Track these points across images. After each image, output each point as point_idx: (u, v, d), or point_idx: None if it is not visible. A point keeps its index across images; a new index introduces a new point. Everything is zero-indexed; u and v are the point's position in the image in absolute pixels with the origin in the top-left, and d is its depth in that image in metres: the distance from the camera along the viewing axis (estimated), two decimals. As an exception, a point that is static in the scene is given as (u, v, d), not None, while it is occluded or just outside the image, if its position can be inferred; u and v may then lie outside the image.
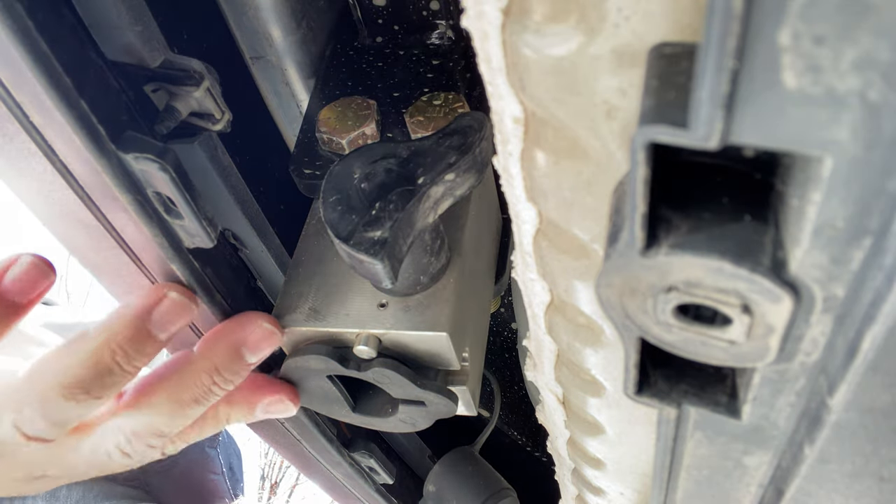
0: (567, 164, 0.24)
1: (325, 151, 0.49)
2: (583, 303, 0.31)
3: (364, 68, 0.54)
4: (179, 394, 0.40)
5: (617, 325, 0.22)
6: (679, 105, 0.15)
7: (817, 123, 0.14)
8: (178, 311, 0.39)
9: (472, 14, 0.21)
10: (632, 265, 0.19)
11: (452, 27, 0.54)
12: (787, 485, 0.28)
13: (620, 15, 0.18)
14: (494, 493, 0.82)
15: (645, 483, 0.45)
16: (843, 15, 0.12)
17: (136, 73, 0.37)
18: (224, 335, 0.42)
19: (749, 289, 0.18)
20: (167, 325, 0.39)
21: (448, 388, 0.45)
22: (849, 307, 0.18)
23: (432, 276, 0.43)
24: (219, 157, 0.40)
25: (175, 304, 0.39)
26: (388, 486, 0.85)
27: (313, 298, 0.44)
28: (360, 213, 0.36)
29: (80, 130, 0.32)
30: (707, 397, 0.25)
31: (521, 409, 1.00)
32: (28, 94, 0.31)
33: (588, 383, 0.37)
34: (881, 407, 0.21)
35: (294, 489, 3.43)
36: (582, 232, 0.27)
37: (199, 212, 0.38)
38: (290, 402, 0.47)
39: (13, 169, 0.37)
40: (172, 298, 0.39)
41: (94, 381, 0.37)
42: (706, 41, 0.13)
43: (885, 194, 0.15)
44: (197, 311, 0.41)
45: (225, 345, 0.41)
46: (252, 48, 0.53)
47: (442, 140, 0.38)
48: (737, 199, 0.18)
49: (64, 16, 0.31)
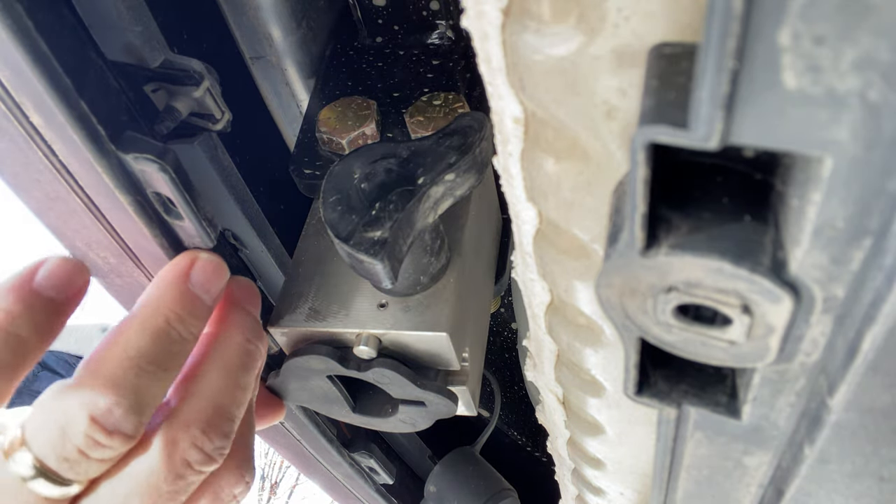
0: (567, 164, 0.24)
1: (325, 151, 0.49)
2: (583, 303, 0.31)
3: (364, 68, 0.54)
4: (226, 363, 0.39)
5: (617, 326, 0.22)
6: (679, 105, 0.15)
7: (817, 123, 0.14)
8: (213, 269, 0.39)
9: (472, 14, 0.21)
10: (632, 265, 0.19)
11: (452, 27, 0.54)
12: (787, 485, 0.28)
13: (620, 15, 0.18)
14: (495, 494, 0.82)
15: (645, 483, 0.45)
16: (843, 15, 0.12)
17: (136, 73, 0.37)
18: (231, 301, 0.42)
19: (749, 289, 0.18)
20: (207, 284, 0.38)
21: (448, 389, 0.45)
22: (849, 307, 0.18)
23: (432, 276, 0.43)
24: (219, 157, 0.40)
25: (209, 263, 0.39)
26: (388, 486, 0.85)
27: (313, 298, 0.44)
28: (360, 213, 0.36)
29: (79, 131, 0.32)
30: (707, 397, 0.25)
31: (521, 409, 1.00)
32: (28, 94, 0.31)
33: (588, 383, 0.37)
34: (881, 407, 0.21)
35: (294, 489, 3.43)
36: (582, 232, 0.27)
37: (198, 212, 0.38)
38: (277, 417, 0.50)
39: (13, 169, 0.37)
40: (205, 259, 0.39)
41: (160, 351, 0.35)
42: (706, 41, 0.13)
43: (885, 194, 0.15)
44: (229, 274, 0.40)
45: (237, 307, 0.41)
46: (252, 48, 0.53)
47: (442, 140, 0.38)
48: (737, 199, 0.18)
49: (64, 16, 0.31)
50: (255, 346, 0.41)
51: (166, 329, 0.36)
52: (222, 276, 0.39)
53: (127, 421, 0.34)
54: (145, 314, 0.36)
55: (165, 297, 0.36)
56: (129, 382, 0.34)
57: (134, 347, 0.35)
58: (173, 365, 0.36)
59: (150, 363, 0.35)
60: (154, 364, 0.35)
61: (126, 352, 0.34)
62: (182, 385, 0.38)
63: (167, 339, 0.36)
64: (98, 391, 0.33)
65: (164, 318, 0.36)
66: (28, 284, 0.34)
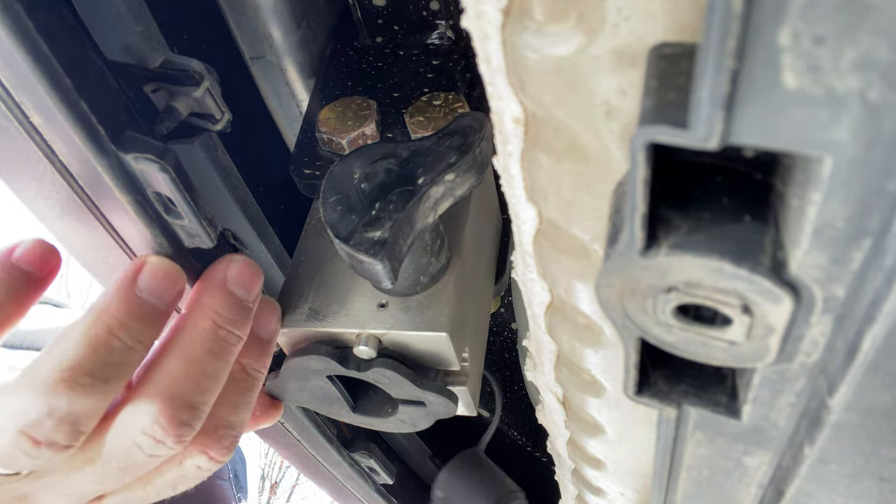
0: (567, 164, 0.24)
1: (325, 151, 0.49)
2: (583, 303, 0.31)
3: (364, 68, 0.54)
4: (189, 349, 0.38)
5: (617, 326, 0.22)
6: (679, 105, 0.15)
7: (817, 124, 0.14)
8: (164, 273, 0.37)
9: (472, 14, 0.21)
10: (632, 265, 0.19)
11: (452, 27, 0.54)
12: (787, 485, 0.28)
13: (620, 15, 0.18)
14: (504, 497, 0.81)
15: (645, 483, 0.45)
16: (843, 15, 0.12)
17: (136, 73, 0.37)
18: (204, 282, 0.40)
19: (749, 289, 0.18)
20: (158, 289, 0.37)
21: (448, 389, 0.45)
22: (849, 307, 0.18)
23: (432, 277, 0.43)
24: (219, 157, 0.40)
25: (158, 266, 0.37)
26: (388, 486, 0.85)
27: (313, 298, 0.44)
28: (360, 213, 0.36)
29: (79, 130, 0.32)
30: (707, 398, 0.25)
31: (521, 409, 1.00)
32: (28, 94, 0.31)
33: (588, 383, 0.37)
34: (881, 407, 0.21)
35: (294, 489, 3.43)
36: (582, 232, 0.27)
37: (198, 212, 0.37)
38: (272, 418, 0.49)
39: (13, 169, 0.37)
40: (153, 262, 0.37)
41: (96, 362, 0.34)
42: (706, 41, 0.13)
43: (885, 194, 0.15)
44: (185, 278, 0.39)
45: (209, 287, 0.40)
46: (252, 48, 0.53)
47: (442, 140, 0.38)
48: (737, 199, 0.18)
49: (64, 16, 0.31)
50: (226, 330, 0.39)
51: (107, 338, 0.35)
52: (174, 278, 0.38)
53: (58, 433, 0.34)
54: (86, 323, 0.35)
55: (110, 306, 0.36)
56: (60, 395, 0.33)
57: (69, 359, 0.34)
58: (116, 374, 0.35)
59: (86, 375, 0.34)
60: (90, 376, 0.34)
61: (61, 363, 0.34)
62: (142, 371, 0.38)
63: (107, 349, 0.35)
64: (29, 401, 0.33)
65: (107, 327, 0.35)
66: (8, 258, 0.36)
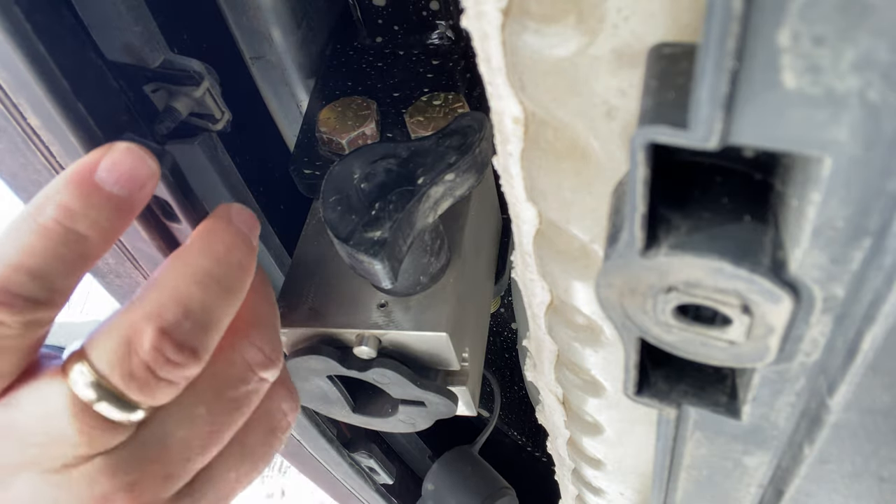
0: (567, 164, 0.24)
1: (325, 151, 0.49)
2: (582, 303, 0.31)
3: (364, 68, 0.54)
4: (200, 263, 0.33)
5: (617, 326, 0.22)
6: (679, 105, 0.15)
7: (817, 124, 0.14)
8: (127, 156, 0.31)
9: (471, 14, 0.21)
10: (631, 265, 0.19)
11: (452, 27, 0.54)
12: (786, 485, 0.28)
13: (620, 15, 0.18)
14: (493, 493, 0.82)
15: (645, 483, 0.45)
16: (843, 15, 0.12)
17: (136, 73, 0.37)
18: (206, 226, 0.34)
19: (749, 289, 0.18)
20: (118, 175, 0.30)
21: (448, 389, 0.45)
22: (849, 307, 0.18)
23: (432, 277, 0.43)
24: (219, 157, 0.40)
25: (122, 150, 0.31)
26: (388, 486, 0.85)
27: (313, 298, 0.44)
28: (360, 213, 0.36)
29: (77, 133, 0.32)
30: (707, 397, 0.25)
31: (521, 409, 1.00)
32: (25, 96, 0.31)
33: (588, 383, 0.37)
34: (881, 407, 0.21)
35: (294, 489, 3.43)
36: (582, 232, 0.27)
37: (195, 215, 0.37)
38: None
39: (12, 169, 0.37)
40: (119, 147, 0.31)
41: (48, 255, 0.28)
42: (706, 41, 0.13)
43: (885, 194, 0.15)
44: (157, 168, 0.32)
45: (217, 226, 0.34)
46: (252, 48, 0.53)
47: (442, 140, 0.38)
48: (736, 199, 0.18)
49: (63, 16, 0.31)
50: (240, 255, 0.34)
51: (52, 228, 0.29)
52: (139, 162, 0.31)
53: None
54: (30, 212, 0.29)
55: (59, 192, 0.29)
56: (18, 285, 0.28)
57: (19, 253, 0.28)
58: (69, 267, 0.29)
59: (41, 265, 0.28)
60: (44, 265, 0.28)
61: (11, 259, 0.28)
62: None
63: (56, 239, 0.29)
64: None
65: (53, 213, 0.29)
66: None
